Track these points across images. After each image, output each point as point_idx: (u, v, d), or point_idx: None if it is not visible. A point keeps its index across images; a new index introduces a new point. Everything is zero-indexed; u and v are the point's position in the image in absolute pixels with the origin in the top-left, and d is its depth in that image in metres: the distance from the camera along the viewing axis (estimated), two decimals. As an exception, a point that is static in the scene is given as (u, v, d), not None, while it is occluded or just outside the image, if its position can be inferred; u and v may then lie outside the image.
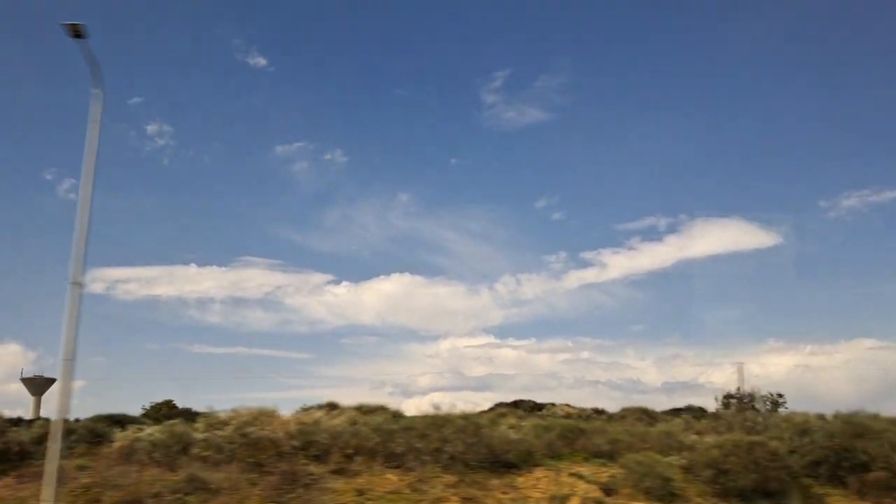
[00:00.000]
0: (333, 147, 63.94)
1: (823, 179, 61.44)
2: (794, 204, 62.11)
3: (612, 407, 22.63)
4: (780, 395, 19.43)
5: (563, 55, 63.34)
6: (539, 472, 12.91)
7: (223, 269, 58.70)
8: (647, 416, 20.76)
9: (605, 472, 12.87)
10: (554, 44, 63.43)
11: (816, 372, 46.24)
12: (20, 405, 47.56)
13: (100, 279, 53.96)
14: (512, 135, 62.02)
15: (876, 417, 14.00)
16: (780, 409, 18.46)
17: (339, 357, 59.38)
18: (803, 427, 13.79)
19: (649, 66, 63.72)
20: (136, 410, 24.84)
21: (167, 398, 27.06)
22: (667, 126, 63.97)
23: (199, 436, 13.18)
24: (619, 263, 57.85)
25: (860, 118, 60.71)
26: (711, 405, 20.59)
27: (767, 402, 19.08)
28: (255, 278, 58.02)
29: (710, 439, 13.93)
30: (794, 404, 18.98)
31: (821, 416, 14.93)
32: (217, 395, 57.00)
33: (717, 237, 56.03)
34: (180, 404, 24.42)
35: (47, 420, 14.87)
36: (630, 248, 58.17)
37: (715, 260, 57.13)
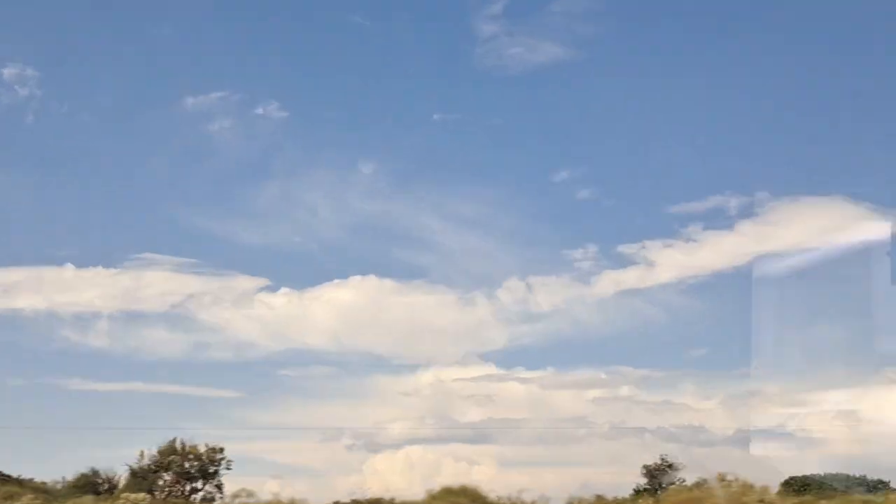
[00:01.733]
0: (267, 98, 53.83)
1: None
2: None
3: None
4: None
5: None
6: None
7: (112, 271, 49.76)
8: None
9: None
10: None
11: None
12: None
13: None
14: (519, 80, 52.96)
15: None
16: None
17: (276, 395, 50.96)
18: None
19: None
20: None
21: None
22: (738, 67, 54.23)
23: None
24: (673, 261, 48.93)
25: None
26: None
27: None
28: (158, 284, 49.55)
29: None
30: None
31: None
32: (104, 451, 45.35)
33: (810, 223, 47.55)
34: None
35: None
36: (688, 240, 49.12)
37: (809, 255, 43.16)
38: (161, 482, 31.03)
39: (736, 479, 31.87)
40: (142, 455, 32.00)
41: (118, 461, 35.68)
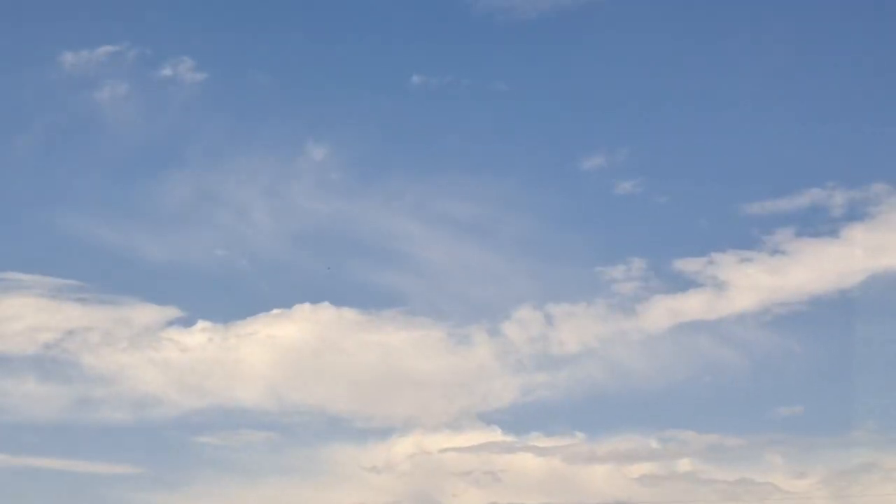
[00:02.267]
0: (177, 54, 45.70)
1: None
2: None
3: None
4: None
5: None
6: None
7: None
8: None
9: None
10: None
11: None
12: None
13: None
14: (532, 28, 45.44)
15: None
16: None
17: (191, 472, 41.86)
18: None
19: None
20: None
21: None
22: (842, 22, 45.76)
23: None
24: (753, 281, 41.86)
25: None
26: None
27: None
28: (25, 315, 42.69)
29: None
30: None
31: None
32: None
33: None
34: None
35: None
36: (773, 252, 42.13)
37: None
38: None
39: None
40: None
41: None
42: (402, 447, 42.12)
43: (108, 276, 44.67)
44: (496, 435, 41.20)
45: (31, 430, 41.58)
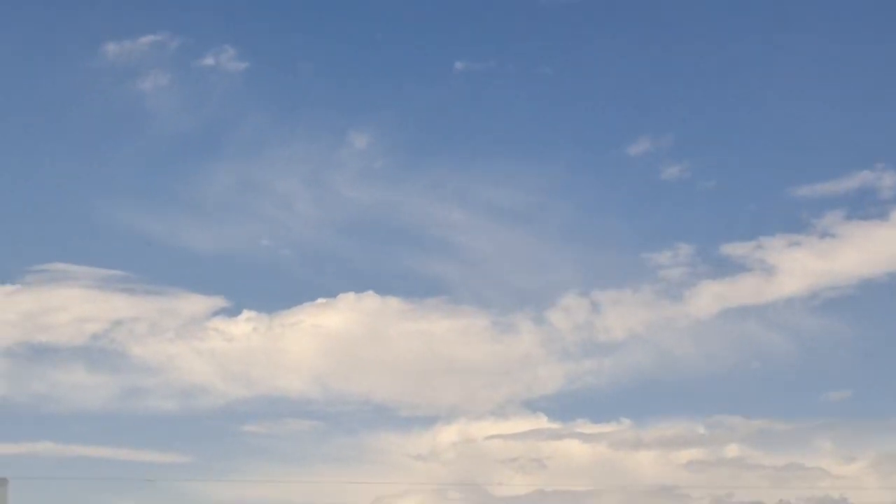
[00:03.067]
0: (219, 43, 45.17)
1: None
2: None
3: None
4: None
5: None
6: None
7: (9, 288, 42.84)
8: None
9: None
10: None
11: None
12: None
13: None
14: (576, 9, 44.96)
15: None
16: None
17: (238, 460, 41.56)
18: None
19: None
20: None
21: None
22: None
23: None
24: (802, 265, 41.72)
25: None
26: None
27: None
28: (73, 306, 42.52)
29: None
30: None
31: None
32: None
33: None
34: None
35: None
36: (823, 235, 42.03)
37: None
38: None
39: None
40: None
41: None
42: (447, 435, 42.35)
43: (153, 267, 44.52)
44: (542, 422, 41.23)
45: (79, 419, 41.83)
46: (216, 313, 42.02)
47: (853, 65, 45.92)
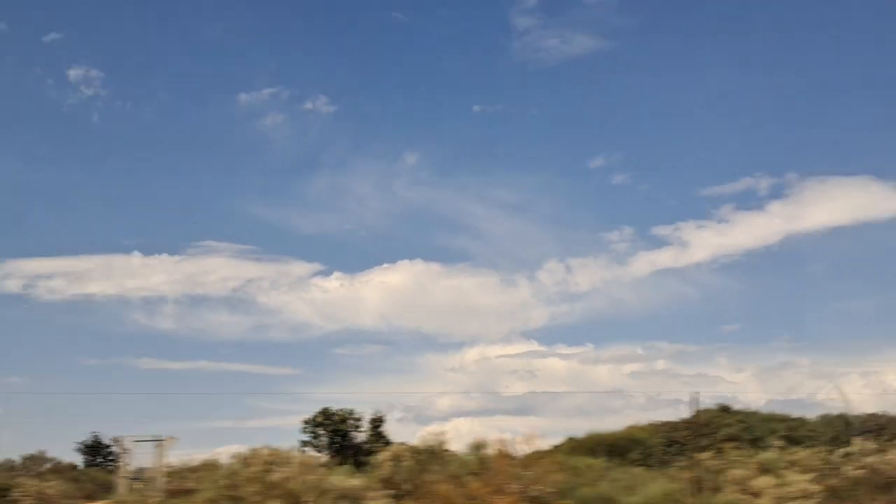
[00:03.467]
0: (316, 93, 55.89)
1: None
2: None
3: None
4: None
5: None
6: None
7: (177, 258, 51.16)
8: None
9: None
10: None
11: None
12: None
13: (15, 274, 48.34)
14: (554, 71, 54.27)
15: None
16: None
17: (331, 372, 52.97)
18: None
19: None
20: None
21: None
22: (766, 55, 56.16)
23: None
24: (706, 241, 50.13)
25: None
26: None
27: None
28: (219, 270, 51.26)
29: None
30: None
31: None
32: (176, 424, 48.84)
33: (839, 203, 48.95)
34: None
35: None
36: (720, 220, 50.04)
37: (837, 234, 50.27)
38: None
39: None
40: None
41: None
42: (471, 355, 52.30)
43: (273, 243, 56.18)
44: (533, 346, 51.49)
45: (224, 345, 53.88)
46: (315, 274, 51.62)
47: (741, 102, 56.33)
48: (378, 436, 29.25)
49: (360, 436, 29.92)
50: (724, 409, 29.92)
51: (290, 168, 57.88)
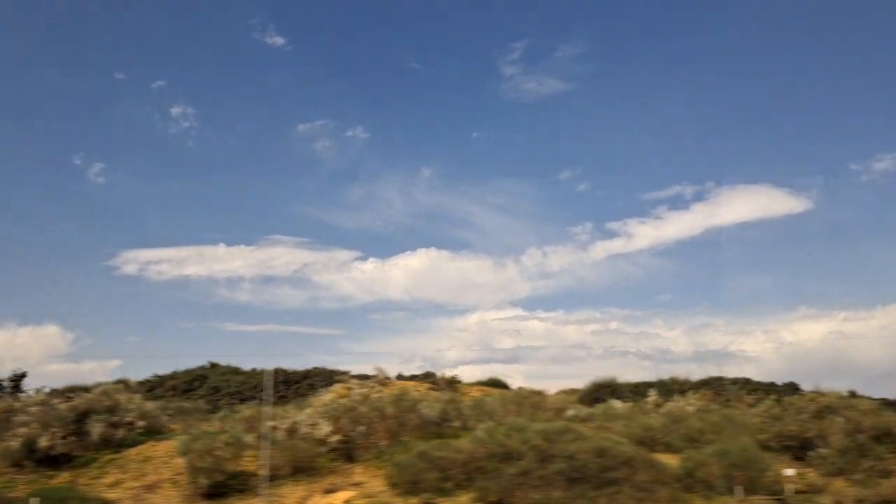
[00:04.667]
0: (354, 124, 64.97)
1: (854, 142, 60.98)
2: (824, 168, 62.19)
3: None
4: None
5: (582, 24, 63.46)
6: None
7: (251, 248, 59.15)
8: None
9: None
10: (572, 13, 63.59)
11: (851, 339, 49.15)
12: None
13: (133, 261, 55.03)
14: (533, 106, 62.45)
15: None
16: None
17: (368, 332, 60.35)
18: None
19: (668, 32, 63.53)
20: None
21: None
22: (690, 92, 64.20)
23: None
24: (646, 233, 57.78)
25: (890, 77, 60.02)
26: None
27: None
28: (283, 256, 58.79)
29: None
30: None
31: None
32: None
33: (745, 204, 56.06)
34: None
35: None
36: (656, 218, 57.99)
37: (744, 227, 57.42)
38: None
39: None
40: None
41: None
42: (472, 319, 61.15)
43: (323, 236, 66.80)
44: (519, 312, 60.75)
45: (288, 313, 62.26)
46: (355, 259, 60.44)
47: (672, 129, 64.97)
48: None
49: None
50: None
51: (335, 180, 66.39)
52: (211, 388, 32.41)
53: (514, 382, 45.07)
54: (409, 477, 15.11)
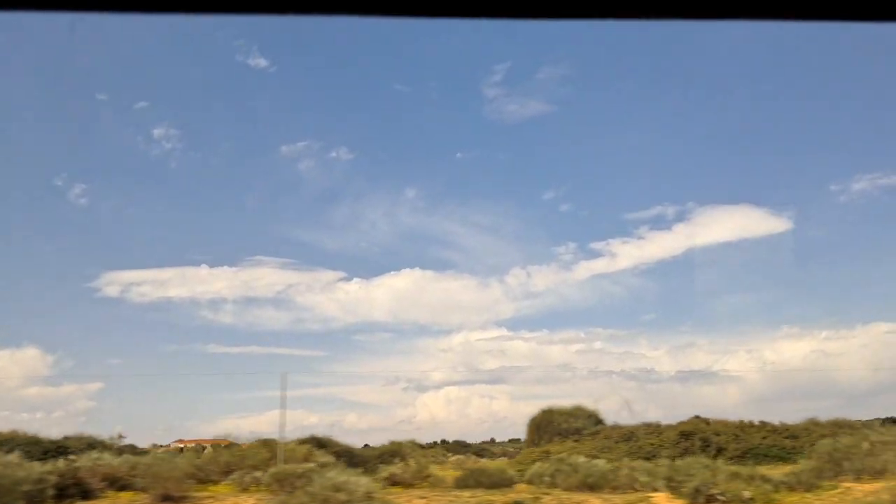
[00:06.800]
0: (338, 145, 61.71)
1: (833, 163, 58.77)
2: (803, 189, 59.82)
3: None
4: None
5: (563, 46, 60.54)
6: None
7: (234, 269, 55.04)
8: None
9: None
10: (553, 35, 60.07)
11: (833, 357, 46.34)
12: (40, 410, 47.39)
13: (114, 282, 50.56)
14: (515, 127, 59.73)
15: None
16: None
17: (352, 354, 56.45)
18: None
19: (650, 53, 62.17)
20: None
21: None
22: (672, 114, 62.33)
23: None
24: (629, 253, 54.44)
25: (868, 98, 58.58)
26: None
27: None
28: (267, 277, 54.54)
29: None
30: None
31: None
32: (234, 394, 57.74)
33: (726, 224, 53.32)
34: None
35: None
36: (639, 238, 54.83)
37: (725, 247, 54.29)
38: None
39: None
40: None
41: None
42: (457, 339, 52.58)
43: (307, 257, 58.95)
44: (503, 332, 52.84)
45: (271, 334, 55.25)
46: (339, 280, 51.61)
47: (654, 152, 61.28)
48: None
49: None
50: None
51: (319, 201, 59.48)
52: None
53: (500, 404, 45.03)
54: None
